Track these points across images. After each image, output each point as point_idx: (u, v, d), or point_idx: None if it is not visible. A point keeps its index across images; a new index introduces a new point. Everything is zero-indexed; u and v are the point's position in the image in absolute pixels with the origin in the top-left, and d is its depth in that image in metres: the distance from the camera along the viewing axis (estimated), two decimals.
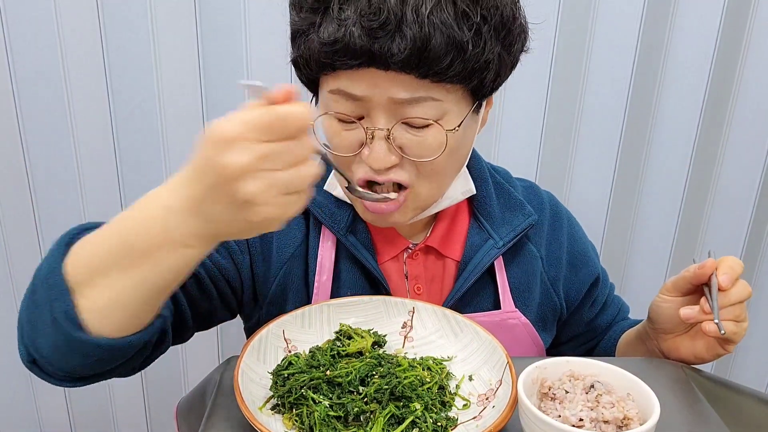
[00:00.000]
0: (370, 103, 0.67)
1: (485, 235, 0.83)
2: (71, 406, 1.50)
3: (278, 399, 0.61)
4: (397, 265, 0.83)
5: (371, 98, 0.67)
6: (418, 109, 0.67)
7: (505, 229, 0.84)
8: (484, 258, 0.81)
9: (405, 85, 0.65)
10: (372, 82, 0.66)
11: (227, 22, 1.22)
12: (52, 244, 0.61)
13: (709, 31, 1.31)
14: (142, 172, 1.31)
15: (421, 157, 0.70)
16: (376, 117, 0.68)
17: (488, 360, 0.66)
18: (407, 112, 0.67)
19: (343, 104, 0.69)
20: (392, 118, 0.68)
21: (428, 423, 0.58)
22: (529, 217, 0.85)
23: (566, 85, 1.32)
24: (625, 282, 1.52)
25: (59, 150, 1.27)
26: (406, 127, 0.68)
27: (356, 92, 0.67)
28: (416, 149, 0.69)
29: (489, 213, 0.85)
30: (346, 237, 0.79)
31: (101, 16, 1.20)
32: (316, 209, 0.80)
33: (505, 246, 0.82)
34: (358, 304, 0.74)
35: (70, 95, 1.24)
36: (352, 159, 0.71)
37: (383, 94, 0.66)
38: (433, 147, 0.69)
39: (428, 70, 0.64)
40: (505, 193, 0.87)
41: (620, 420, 0.54)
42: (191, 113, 1.27)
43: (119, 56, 1.22)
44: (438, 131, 0.68)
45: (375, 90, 0.66)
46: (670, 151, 1.40)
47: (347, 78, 0.67)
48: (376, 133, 0.68)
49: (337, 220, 0.80)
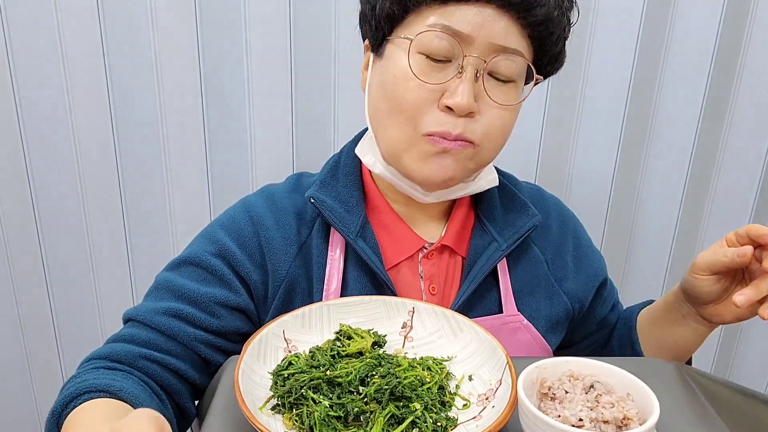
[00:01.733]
0: (471, 43, 0.69)
1: (489, 238, 0.83)
2: None
3: (278, 399, 0.61)
4: (411, 265, 0.82)
5: (474, 39, 0.69)
6: (508, 61, 0.71)
7: (509, 230, 0.84)
8: (488, 260, 0.81)
9: (507, 32, 0.70)
10: (479, 22, 0.69)
11: (227, 22, 1.22)
12: (48, 418, 0.65)
13: (709, 31, 1.31)
14: (142, 172, 1.31)
15: (501, 101, 0.73)
16: (471, 53, 0.70)
17: (488, 360, 0.66)
18: (498, 63, 0.71)
19: (438, 42, 0.70)
20: (486, 59, 0.70)
21: (428, 423, 0.58)
22: (533, 218, 0.85)
23: (566, 85, 1.32)
24: (624, 282, 1.52)
25: (59, 150, 1.28)
26: (490, 77, 0.72)
27: (464, 29, 0.69)
28: (498, 96, 0.73)
29: (492, 215, 0.85)
30: (356, 242, 0.78)
31: (101, 15, 1.20)
32: (327, 212, 0.79)
33: (509, 248, 0.82)
34: (358, 304, 0.75)
35: (71, 95, 1.24)
36: (427, 108, 0.72)
37: (486, 37, 0.69)
38: (510, 99, 0.74)
39: (538, 20, 0.70)
40: (509, 194, 0.87)
41: (620, 420, 0.54)
42: (191, 113, 1.27)
43: (119, 56, 1.22)
44: (514, 89, 0.74)
45: (480, 30, 0.69)
46: (669, 152, 1.40)
47: (456, 13, 0.69)
48: (467, 69, 0.70)
49: (347, 224, 0.79)
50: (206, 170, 1.32)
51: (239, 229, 0.80)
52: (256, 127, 1.30)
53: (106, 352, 0.73)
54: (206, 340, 0.76)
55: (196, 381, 0.76)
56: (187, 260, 0.79)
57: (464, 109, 0.70)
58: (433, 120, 0.71)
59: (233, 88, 1.27)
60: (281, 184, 0.89)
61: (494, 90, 0.72)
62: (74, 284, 1.39)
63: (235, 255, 0.78)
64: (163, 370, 0.73)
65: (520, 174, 0.97)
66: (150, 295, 0.79)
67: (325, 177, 0.84)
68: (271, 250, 0.79)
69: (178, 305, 0.76)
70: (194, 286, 0.77)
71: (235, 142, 1.31)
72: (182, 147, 1.29)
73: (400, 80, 0.72)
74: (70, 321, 1.42)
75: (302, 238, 0.81)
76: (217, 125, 1.29)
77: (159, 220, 1.35)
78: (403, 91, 0.72)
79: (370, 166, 0.81)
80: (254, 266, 0.79)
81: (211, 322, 0.76)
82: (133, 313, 0.77)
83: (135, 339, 0.74)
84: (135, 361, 0.72)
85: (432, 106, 0.71)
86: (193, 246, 0.81)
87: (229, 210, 0.85)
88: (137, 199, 1.33)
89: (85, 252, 1.36)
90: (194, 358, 0.76)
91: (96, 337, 1.44)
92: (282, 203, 0.83)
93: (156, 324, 0.74)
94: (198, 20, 1.21)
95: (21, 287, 1.38)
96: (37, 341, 1.42)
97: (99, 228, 1.34)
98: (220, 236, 0.80)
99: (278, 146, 1.31)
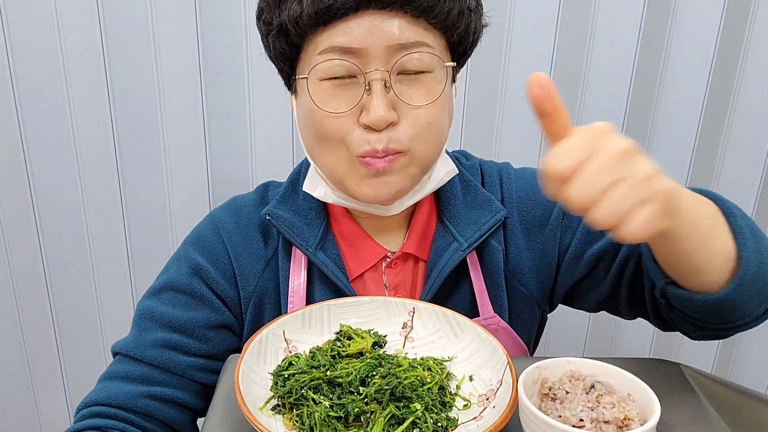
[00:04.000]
0: (366, 56, 0.67)
1: (449, 238, 0.80)
2: (72, 407, 1.50)
3: (279, 399, 0.61)
4: (375, 275, 0.81)
5: (368, 50, 0.67)
6: (414, 55, 0.68)
7: (471, 229, 0.80)
8: (448, 262, 0.78)
9: (401, 29, 0.67)
10: (368, 30, 0.67)
11: (227, 21, 1.22)
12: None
13: (710, 32, 1.31)
14: (142, 172, 1.31)
15: (419, 102, 0.70)
16: (372, 68, 0.68)
17: (489, 360, 0.66)
18: (403, 62, 0.68)
19: (335, 67, 0.68)
20: (388, 67, 0.68)
21: (428, 423, 0.58)
22: (496, 213, 0.81)
23: (566, 86, 1.32)
24: None
25: (59, 150, 1.28)
26: (402, 77, 0.70)
27: (353, 44, 0.67)
28: (414, 95, 0.70)
29: (453, 213, 0.81)
30: (315, 255, 0.78)
31: (101, 15, 1.20)
32: (285, 228, 0.78)
33: (471, 247, 0.79)
34: (358, 304, 0.74)
35: (71, 95, 1.24)
36: (350, 130, 0.70)
37: (380, 42, 0.67)
38: (429, 94, 0.70)
39: (425, 5, 0.67)
40: (471, 189, 0.84)
41: (621, 420, 0.54)
42: (191, 113, 1.27)
43: (119, 56, 1.22)
44: (431, 79, 0.70)
45: (371, 38, 0.67)
46: (670, 153, 1.40)
47: (341, 31, 0.67)
48: (374, 83, 0.68)
49: (306, 238, 0.78)
50: (206, 170, 1.32)
51: (210, 246, 0.80)
52: (256, 126, 1.30)
53: (104, 397, 0.72)
54: (201, 366, 0.76)
55: (197, 407, 0.77)
56: (166, 286, 0.79)
57: (381, 124, 0.68)
58: (359, 140, 0.69)
59: (233, 88, 1.27)
60: (249, 195, 0.87)
61: (409, 91, 0.70)
62: (74, 284, 1.38)
63: (209, 272, 0.79)
64: (163, 404, 0.74)
65: None
66: (134, 327, 0.78)
67: (285, 190, 0.83)
68: (240, 267, 0.80)
69: (166, 335, 0.76)
70: (178, 313, 0.77)
71: (235, 141, 1.31)
72: (182, 147, 1.29)
73: (315, 113, 0.71)
74: (70, 321, 1.42)
75: (269, 253, 0.81)
76: (217, 125, 1.29)
77: (159, 219, 1.35)
78: (321, 121, 0.70)
79: (322, 197, 0.79)
80: (228, 283, 0.79)
81: (201, 347, 0.77)
82: (123, 348, 0.76)
83: (130, 376, 0.74)
84: (134, 402, 0.72)
85: (354, 127, 0.70)
86: (169, 270, 0.81)
87: (198, 227, 0.84)
88: (137, 199, 1.33)
89: (85, 252, 1.36)
90: (191, 384, 0.76)
91: (96, 336, 1.44)
92: (249, 217, 0.83)
93: (148, 358, 0.74)
94: (198, 20, 1.21)
95: (21, 287, 1.38)
96: (37, 341, 1.42)
97: (99, 228, 1.34)
98: (192, 255, 0.80)
99: (278, 146, 1.31)
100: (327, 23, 0.67)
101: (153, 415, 0.73)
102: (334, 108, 0.69)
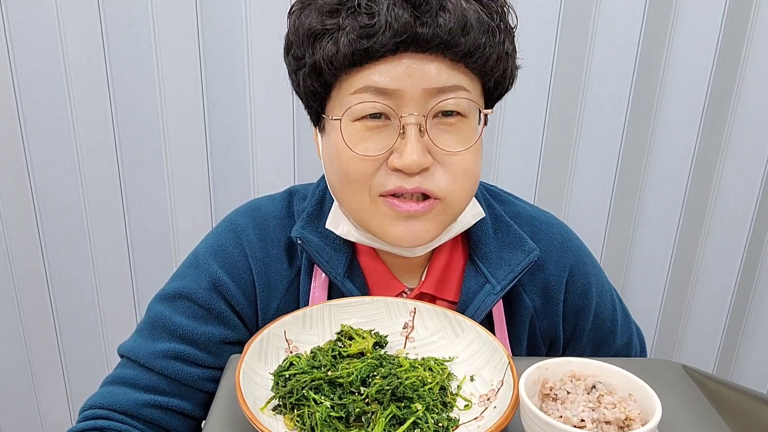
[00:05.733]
0: (402, 98, 0.65)
1: (482, 279, 0.77)
2: (73, 406, 1.50)
3: (280, 399, 0.61)
4: None
5: (403, 92, 0.65)
6: (450, 100, 0.67)
7: (503, 270, 0.77)
8: (481, 305, 0.76)
9: (439, 72, 0.65)
10: (405, 72, 0.64)
11: (228, 22, 1.22)
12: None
13: (711, 33, 1.31)
14: (142, 172, 1.31)
15: (454, 148, 0.68)
16: (408, 111, 0.65)
17: (490, 360, 0.66)
18: (440, 105, 0.66)
19: (370, 105, 0.66)
20: (424, 111, 0.66)
21: (429, 423, 0.58)
22: (529, 254, 0.78)
23: (567, 88, 1.32)
24: (625, 289, 1.52)
25: (60, 150, 1.28)
26: (437, 121, 0.68)
27: (389, 86, 0.65)
28: (449, 141, 0.68)
29: (485, 253, 0.78)
30: (343, 283, 0.76)
31: (102, 16, 1.20)
32: (314, 253, 0.76)
33: (503, 290, 0.76)
34: (359, 304, 0.74)
35: (71, 95, 1.24)
36: (374, 172, 0.68)
37: (417, 85, 0.65)
38: (465, 140, 0.69)
39: (465, 50, 0.65)
40: (504, 227, 0.81)
41: (622, 420, 0.54)
42: (191, 113, 1.27)
43: (120, 56, 1.22)
44: (467, 124, 0.69)
45: (408, 81, 0.65)
46: (670, 157, 1.40)
47: (377, 71, 0.65)
48: (408, 128, 0.65)
49: (335, 265, 0.76)
50: (207, 170, 1.32)
51: (231, 260, 0.78)
52: (258, 127, 1.30)
53: (109, 401, 0.72)
54: (210, 377, 0.76)
55: (202, 416, 0.76)
56: (181, 294, 0.77)
57: (414, 169, 0.66)
58: (384, 180, 0.68)
59: (234, 89, 1.27)
60: (273, 203, 0.83)
61: (445, 136, 0.68)
62: (75, 284, 1.39)
63: (230, 289, 0.77)
64: (169, 414, 0.73)
65: (520, 183, 0.94)
66: (145, 331, 0.77)
67: (312, 210, 0.80)
68: (262, 285, 0.78)
69: (179, 346, 0.74)
70: (192, 326, 0.75)
71: (236, 142, 1.31)
72: (183, 147, 1.30)
73: (343, 154, 0.68)
74: (71, 321, 1.42)
75: (292, 274, 0.79)
76: (218, 125, 1.29)
77: (160, 220, 1.35)
78: (347, 162, 0.68)
79: (344, 235, 0.76)
80: (247, 300, 0.78)
81: (213, 360, 0.76)
82: (131, 352, 0.75)
83: (137, 383, 0.73)
84: (139, 410, 0.72)
85: (381, 169, 0.68)
86: (185, 277, 0.78)
87: (219, 234, 0.81)
88: (138, 199, 1.33)
89: (86, 252, 1.36)
90: (199, 395, 0.76)
91: (97, 336, 1.44)
92: (274, 232, 0.80)
93: (158, 367, 0.74)
94: (198, 20, 1.21)
95: (22, 287, 1.38)
96: (38, 341, 1.42)
97: (100, 228, 1.35)
98: (212, 267, 0.77)
99: (279, 146, 1.31)
100: (363, 64, 0.65)
101: (157, 423, 0.72)
102: (364, 151, 0.67)
